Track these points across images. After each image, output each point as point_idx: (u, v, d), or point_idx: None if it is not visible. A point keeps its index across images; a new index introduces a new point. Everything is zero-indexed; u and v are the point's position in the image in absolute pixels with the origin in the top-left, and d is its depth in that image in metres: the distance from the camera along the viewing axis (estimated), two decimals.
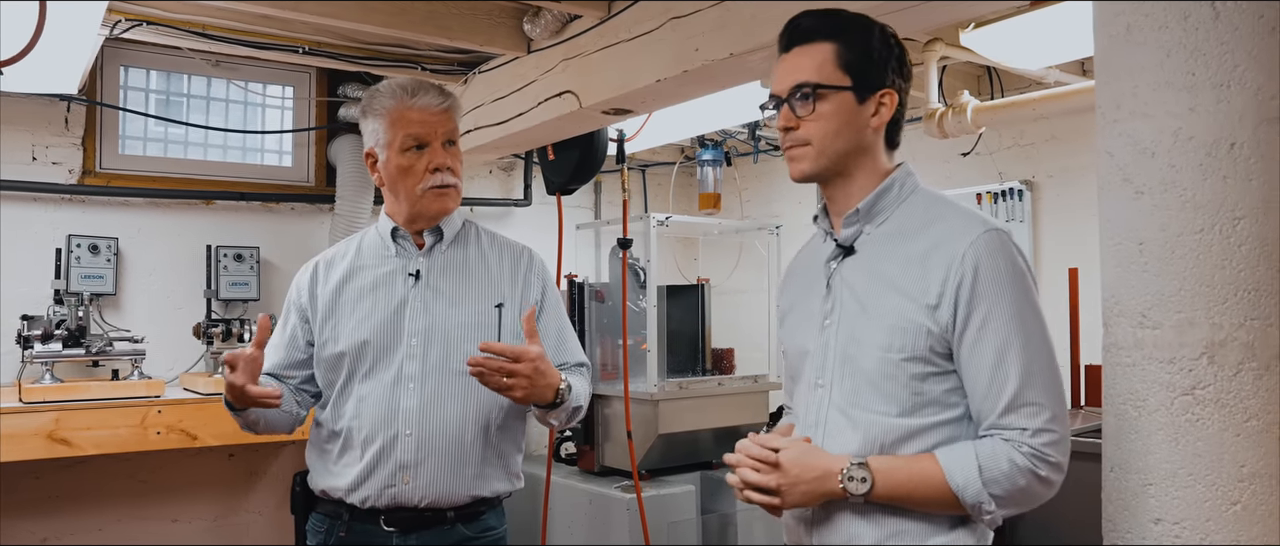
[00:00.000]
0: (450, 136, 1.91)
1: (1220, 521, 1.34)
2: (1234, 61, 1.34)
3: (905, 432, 1.38)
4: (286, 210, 3.87)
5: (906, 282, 1.39)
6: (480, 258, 1.99)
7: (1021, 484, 1.32)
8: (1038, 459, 1.32)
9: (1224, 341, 1.33)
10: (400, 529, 1.83)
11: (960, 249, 1.36)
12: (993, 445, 1.34)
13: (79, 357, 3.11)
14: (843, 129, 1.44)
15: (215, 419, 3.05)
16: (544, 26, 2.85)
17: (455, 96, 1.95)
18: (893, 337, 1.38)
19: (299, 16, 2.67)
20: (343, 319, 1.91)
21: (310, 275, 1.99)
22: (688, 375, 3.79)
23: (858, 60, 1.44)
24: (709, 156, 4.28)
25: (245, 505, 3.68)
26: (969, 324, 1.35)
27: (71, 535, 3.38)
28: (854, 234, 1.48)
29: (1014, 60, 2.62)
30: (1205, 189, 1.34)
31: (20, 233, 3.34)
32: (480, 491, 1.87)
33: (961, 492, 1.33)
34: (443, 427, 1.83)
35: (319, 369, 1.94)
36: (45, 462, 3.22)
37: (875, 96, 1.45)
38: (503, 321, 1.91)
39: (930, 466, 1.35)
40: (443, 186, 1.89)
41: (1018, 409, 1.33)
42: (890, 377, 1.39)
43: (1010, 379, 1.33)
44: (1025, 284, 1.37)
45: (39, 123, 3.41)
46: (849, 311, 1.45)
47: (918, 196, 1.48)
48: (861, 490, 1.35)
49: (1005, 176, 3.43)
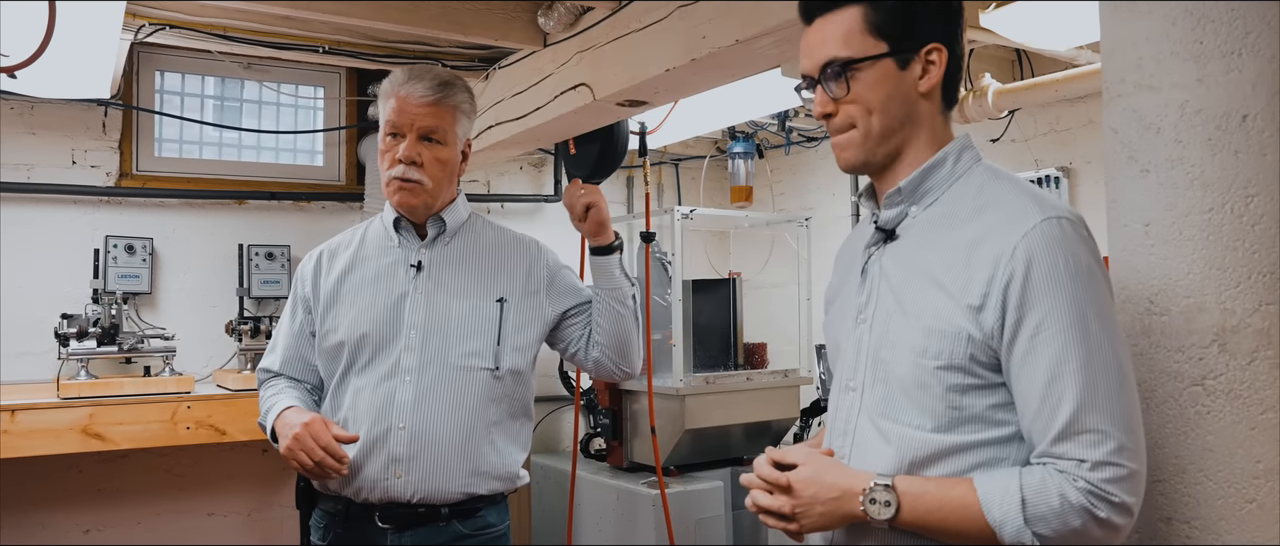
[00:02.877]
0: (431, 131, 1.82)
1: (1234, 520, 1.25)
2: (1245, 27, 1.25)
3: (938, 450, 1.19)
4: (317, 209, 3.91)
5: (947, 277, 1.20)
6: (485, 251, 1.95)
7: (1074, 525, 1.10)
8: (1096, 497, 1.09)
9: (1236, 328, 1.25)
10: (394, 526, 1.81)
11: (1011, 241, 1.15)
12: (1043, 475, 1.12)
13: (113, 355, 3.18)
14: (887, 104, 1.24)
15: (243, 414, 3.10)
16: (558, 19, 2.82)
17: (459, 92, 1.88)
18: (928, 341, 1.19)
19: (314, 16, 2.68)
20: (343, 310, 1.89)
21: (314, 264, 1.98)
22: (719, 370, 3.74)
23: (891, 18, 1.23)
24: (740, 149, 4.22)
25: (279, 500, 3.73)
26: (1019, 332, 1.14)
27: (112, 527, 3.46)
28: (896, 216, 1.29)
29: (1039, 41, 2.51)
30: (1214, 165, 1.26)
31: (61, 234, 3.43)
32: (476, 489, 1.83)
33: (1000, 528, 1.12)
34: (437, 422, 1.80)
35: (320, 360, 1.93)
36: (86, 457, 3.30)
37: (920, 55, 1.24)
38: (505, 316, 1.88)
39: (965, 493, 1.15)
40: (403, 180, 1.82)
41: (1075, 436, 1.11)
42: (924, 387, 1.20)
43: (1066, 399, 1.11)
44: (1092, 285, 1.14)
45: (78, 127, 3.49)
46: (884, 307, 1.27)
47: (975, 174, 1.27)
48: (885, 515, 1.17)
49: (1041, 163, 3.31)
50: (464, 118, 1.90)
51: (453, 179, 1.92)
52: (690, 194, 4.78)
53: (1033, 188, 1.26)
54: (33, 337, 3.32)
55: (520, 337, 1.91)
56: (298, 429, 1.72)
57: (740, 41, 2.17)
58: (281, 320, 2.03)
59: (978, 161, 1.29)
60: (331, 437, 1.72)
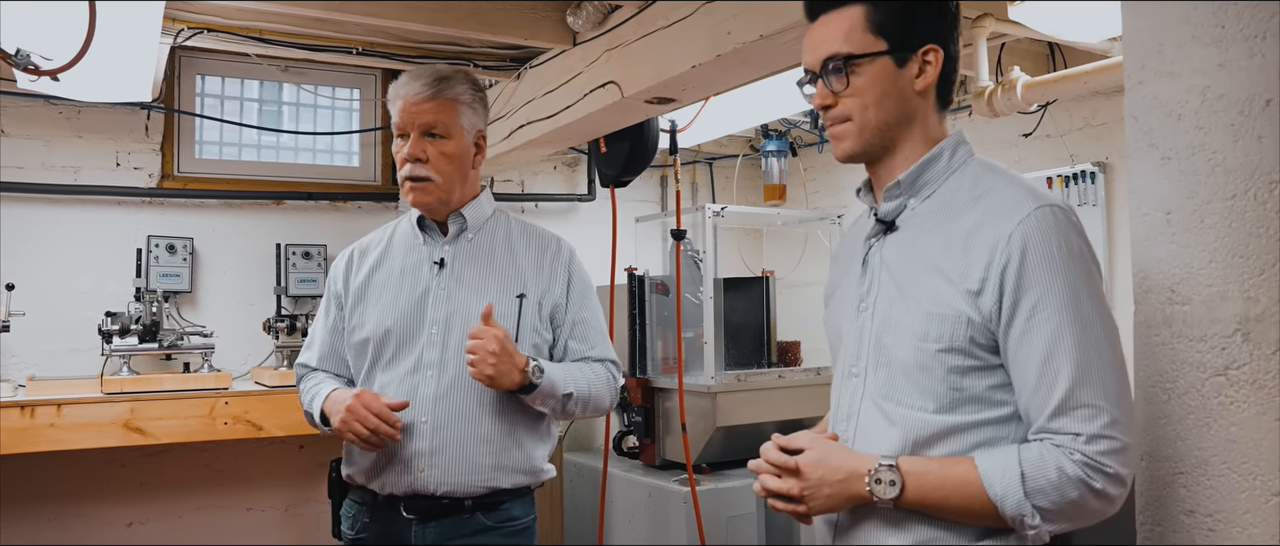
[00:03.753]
0: (431, 126, 1.85)
1: (1259, 514, 1.22)
2: (1269, 10, 1.22)
3: (940, 430, 1.24)
4: (353, 209, 3.97)
5: (947, 264, 1.25)
6: (507, 247, 1.97)
7: (1072, 496, 1.15)
8: (1092, 468, 1.15)
9: (1260, 316, 1.22)
10: (419, 517, 1.83)
11: (1007, 228, 1.21)
12: (1041, 451, 1.18)
13: (153, 351, 3.27)
14: (883, 99, 1.30)
15: (280, 410, 3.16)
16: (587, 18, 2.84)
17: (457, 85, 1.89)
18: (930, 325, 1.24)
19: (346, 17, 2.72)
20: (370, 306, 1.93)
21: (346, 262, 2.03)
22: (753, 368, 3.73)
23: (891, 18, 1.29)
24: (773, 147, 4.22)
25: (316, 495, 3.79)
26: (1016, 313, 1.19)
27: (154, 520, 3.55)
28: (896, 208, 1.34)
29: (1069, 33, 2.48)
30: (1237, 151, 1.23)
31: (105, 234, 3.52)
32: (499, 482, 1.85)
33: (1001, 502, 1.18)
34: (459, 416, 1.83)
35: (348, 355, 1.97)
36: (128, 451, 3.39)
37: (917, 55, 1.30)
38: (523, 312, 1.89)
39: (967, 471, 1.20)
40: (412, 179, 1.86)
41: (1070, 411, 1.16)
42: (926, 370, 1.25)
43: (1061, 377, 1.16)
44: (1084, 268, 1.20)
45: (122, 130, 3.59)
46: (886, 294, 1.32)
47: (970, 168, 1.33)
48: (890, 494, 1.21)
49: (1076, 158, 3.26)
50: (465, 109, 1.90)
51: (464, 172, 1.92)
52: (724, 192, 4.78)
53: (1025, 180, 1.32)
54: (79, 334, 3.41)
55: (539, 334, 1.92)
56: (349, 402, 1.78)
57: (765, 37, 2.17)
58: (317, 317, 2.07)
59: (972, 156, 1.35)
60: (383, 405, 1.78)
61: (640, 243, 4.09)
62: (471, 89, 1.92)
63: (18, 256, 3.36)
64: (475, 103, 1.93)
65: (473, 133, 1.93)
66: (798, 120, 4.05)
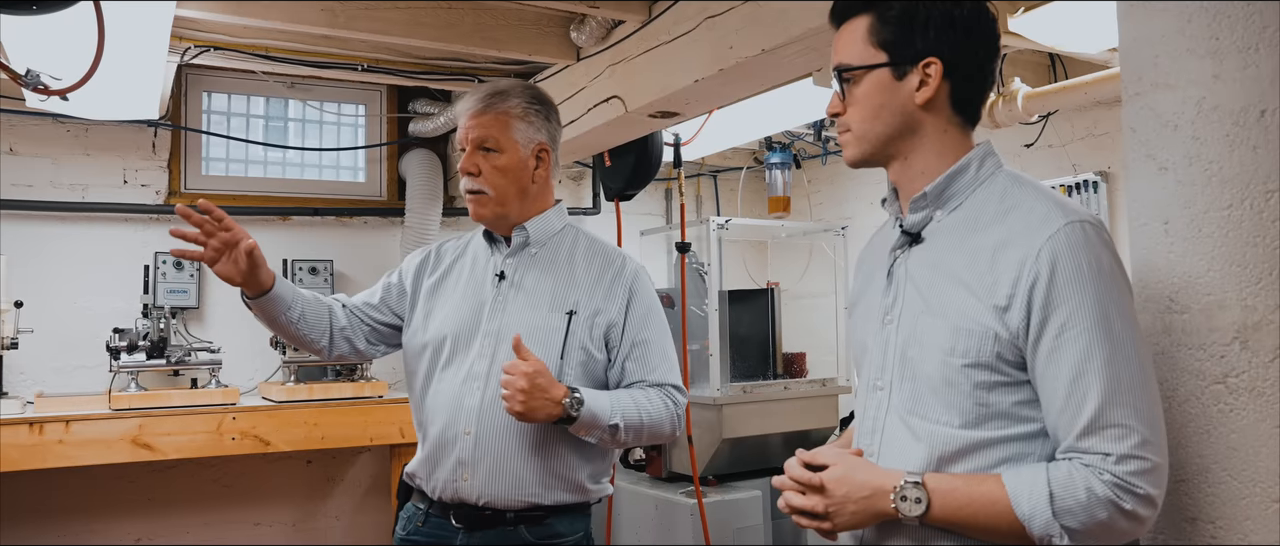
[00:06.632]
0: (484, 141, 1.87)
1: (1260, 520, 1.23)
2: (1262, 22, 1.24)
3: (966, 445, 1.22)
4: (359, 224, 3.99)
5: (973, 278, 1.23)
6: (568, 262, 1.94)
7: (1101, 518, 1.12)
8: (1122, 489, 1.12)
9: (1258, 325, 1.23)
10: (466, 526, 1.83)
11: (1036, 244, 1.18)
12: (1069, 470, 1.15)
13: (161, 367, 3.28)
14: (881, 111, 1.30)
15: (288, 425, 3.18)
16: (590, 33, 2.86)
17: (511, 99, 1.88)
18: (956, 340, 1.22)
19: (353, 35, 2.75)
20: (434, 311, 1.95)
21: (422, 259, 2.05)
22: (759, 379, 3.74)
23: (894, 31, 1.28)
24: (777, 159, 4.23)
25: (324, 509, 3.80)
26: (1044, 331, 1.17)
27: (163, 536, 3.56)
28: (922, 220, 1.32)
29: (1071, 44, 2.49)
30: (1233, 161, 1.25)
31: (113, 251, 3.55)
32: (539, 499, 1.82)
33: (1028, 522, 1.15)
34: (501, 430, 1.81)
35: (406, 357, 1.99)
36: (136, 467, 3.41)
37: (918, 68, 1.28)
38: (571, 330, 1.85)
39: (994, 489, 1.17)
40: (469, 192, 1.89)
41: (1099, 431, 1.14)
42: (952, 384, 1.22)
43: (1091, 395, 1.14)
44: (1114, 286, 1.17)
45: (129, 148, 3.62)
46: (911, 307, 1.30)
47: (998, 179, 1.30)
48: (916, 512, 1.19)
49: (1078, 168, 3.27)
50: (519, 122, 1.89)
51: (521, 185, 1.90)
52: (729, 205, 4.80)
53: (1055, 194, 1.28)
54: (87, 351, 3.44)
55: (588, 353, 1.87)
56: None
57: (767, 51, 2.19)
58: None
59: (1000, 168, 1.33)
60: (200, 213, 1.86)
61: (645, 256, 4.10)
62: (527, 102, 1.91)
63: (26, 274, 3.39)
64: (531, 115, 1.90)
65: (530, 146, 1.90)
66: (801, 132, 4.07)
